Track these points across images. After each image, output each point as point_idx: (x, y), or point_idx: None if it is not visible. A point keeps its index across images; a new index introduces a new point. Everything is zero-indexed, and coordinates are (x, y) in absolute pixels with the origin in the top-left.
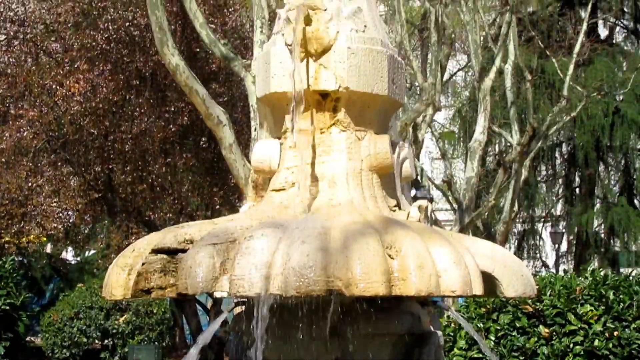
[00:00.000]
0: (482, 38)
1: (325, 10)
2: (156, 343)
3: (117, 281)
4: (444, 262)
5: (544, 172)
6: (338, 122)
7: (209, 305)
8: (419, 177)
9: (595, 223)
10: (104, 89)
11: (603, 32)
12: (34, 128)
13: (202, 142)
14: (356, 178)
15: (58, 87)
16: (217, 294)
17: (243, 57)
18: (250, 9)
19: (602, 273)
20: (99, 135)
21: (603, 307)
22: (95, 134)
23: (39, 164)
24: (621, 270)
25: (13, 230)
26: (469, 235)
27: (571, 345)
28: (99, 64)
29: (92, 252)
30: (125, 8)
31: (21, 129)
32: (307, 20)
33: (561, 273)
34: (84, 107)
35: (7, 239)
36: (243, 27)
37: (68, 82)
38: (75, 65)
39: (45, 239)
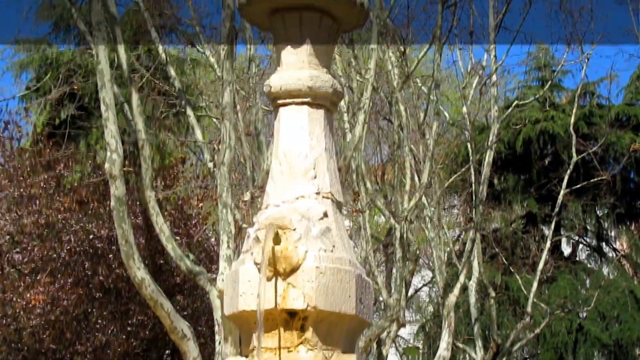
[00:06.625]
0: (446, 254)
1: (294, 230)
2: None
3: None
4: None
5: None
6: (306, 341)
7: None
8: None
9: None
10: (65, 302)
11: (566, 250)
12: None
13: (165, 356)
14: None
15: (18, 300)
16: None
17: (208, 270)
18: (216, 223)
19: None
20: (59, 348)
21: None
22: (55, 347)
23: None
24: None
25: None
26: None
27: None
28: (60, 277)
29: None
30: (89, 220)
31: None
32: (276, 240)
33: None
34: (45, 320)
35: None
36: (208, 240)
37: (29, 294)
38: (37, 278)
39: None
